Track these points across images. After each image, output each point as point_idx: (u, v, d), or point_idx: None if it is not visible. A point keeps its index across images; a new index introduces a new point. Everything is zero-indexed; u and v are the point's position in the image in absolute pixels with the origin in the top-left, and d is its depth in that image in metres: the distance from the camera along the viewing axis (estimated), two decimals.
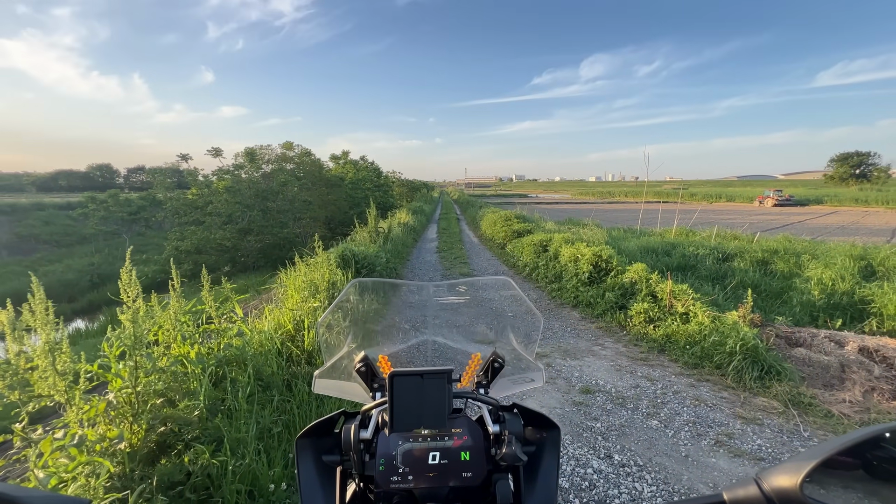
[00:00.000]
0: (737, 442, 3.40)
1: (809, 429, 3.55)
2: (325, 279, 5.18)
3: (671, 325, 5.39)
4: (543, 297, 7.75)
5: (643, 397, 4.12)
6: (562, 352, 5.27)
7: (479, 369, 1.03)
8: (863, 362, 4.45)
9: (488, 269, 10.29)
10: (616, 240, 10.75)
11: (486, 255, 12.37)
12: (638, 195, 42.58)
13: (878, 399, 3.96)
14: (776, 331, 5.19)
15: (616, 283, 6.65)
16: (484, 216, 18.48)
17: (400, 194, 44.36)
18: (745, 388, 4.24)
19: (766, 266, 7.95)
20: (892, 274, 6.74)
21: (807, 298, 6.36)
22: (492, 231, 14.64)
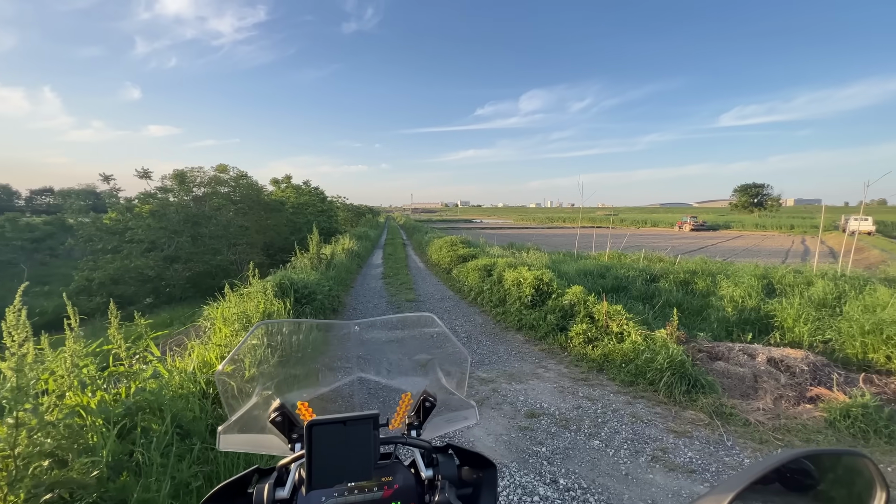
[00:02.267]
0: (671, 456, 3.57)
1: (732, 438, 3.82)
2: (260, 310, 4.84)
3: (608, 345, 5.64)
4: (489, 321, 7.82)
5: (585, 418, 4.22)
6: (507, 376, 5.30)
7: (409, 410, 0.97)
8: (771, 372, 4.92)
9: (434, 295, 10.25)
10: (556, 263, 11.24)
11: (433, 281, 12.35)
12: (575, 220, 45.34)
13: (785, 406, 4.37)
14: (699, 346, 5.62)
15: (557, 306, 6.89)
16: (430, 241, 18.58)
17: (345, 219, 43.48)
18: (676, 402, 4.50)
19: (688, 286, 8.69)
20: (788, 291, 7.64)
21: (722, 315, 7.00)
22: (438, 256, 14.71)
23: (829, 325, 5.96)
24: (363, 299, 9.82)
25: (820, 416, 4.05)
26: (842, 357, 5.51)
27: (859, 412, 3.88)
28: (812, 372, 4.89)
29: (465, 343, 6.62)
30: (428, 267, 15.21)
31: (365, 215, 50.25)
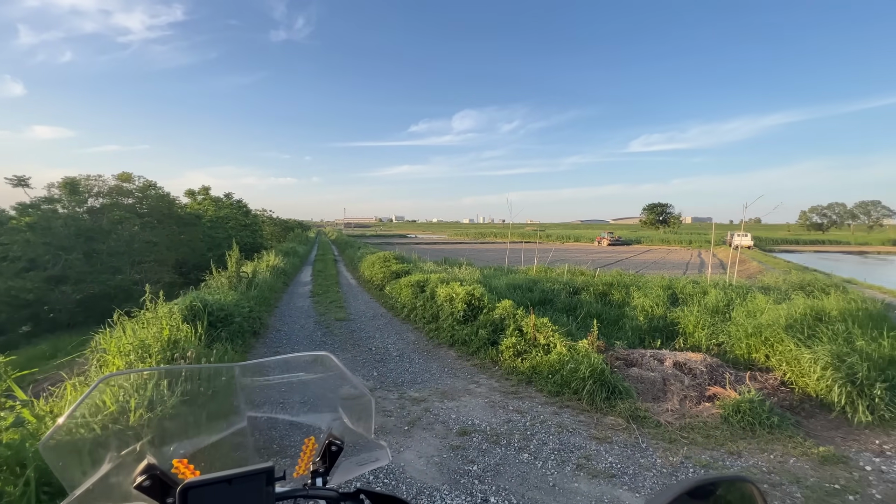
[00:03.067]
0: (594, 463, 3.73)
1: (646, 440, 4.10)
2: (164, 337, 4.29)
3: (536, 357, 5.83)
4: (422, 338, 7.73)
5: (515, 432, 4.28)
6: (440, 394, 5.24)
7: (314, 456, 0.87)
8: (677, 375, 5.41)
9: (366, 313, 9.95)
10: (487, 278, 11.51)
11: (365, 298, 12.00)
12: (505, 236, 47.18)
13: (689, 405, 4.81)
14: (616, 354, 6.02)
15: (488, 320, 7.01)
16: (363, 257, 18.13)
17: (271, 234, 41.00)
18: (597, 409, 4.75)
19: (606, 297, 9.36)
20: (689, 300, 8.54)
21: (635, 323, 7.62)
22: (370, 272, 14.38)
23: (722, 330, 6.73)
24: (289, 320, 9.23)
25: (717, 413, 4.51)
26: (732, 358, 6.23)
27: (747, 407, 4.38)
28: (710, 373, 5.46)
29: (397, 362, 6.47)
30: (360, 284, 14.79)
31: (293, 230, 47.83)
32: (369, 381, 5.69)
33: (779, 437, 4.09)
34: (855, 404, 4.51)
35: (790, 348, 5.50)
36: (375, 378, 5.80)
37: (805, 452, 3.83)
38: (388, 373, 6.01)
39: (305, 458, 0.88)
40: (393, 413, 4.69)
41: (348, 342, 7.52)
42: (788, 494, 3.25)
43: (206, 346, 5.46)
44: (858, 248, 52.51)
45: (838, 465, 3.65)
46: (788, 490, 3.30)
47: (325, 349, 6.88)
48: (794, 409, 4.78)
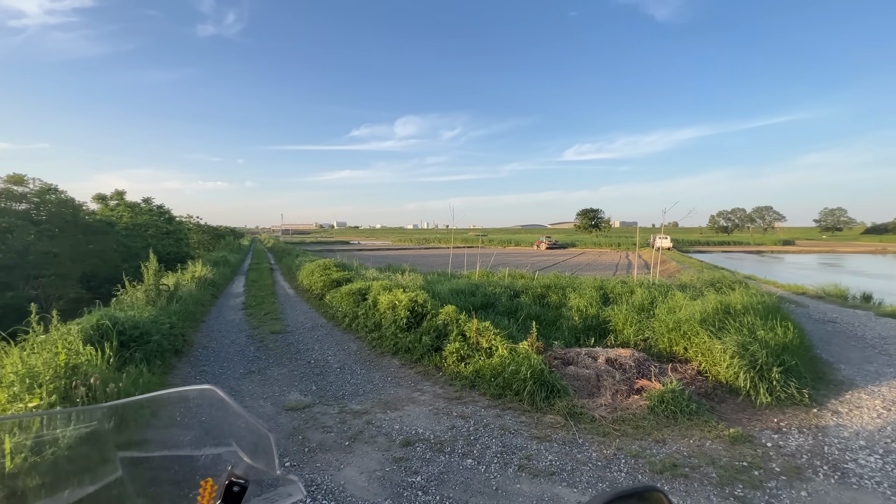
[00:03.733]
0: (534, 462, 3.81)
1: (583, 436, 4.27)
2: (59, 364, 3.74)
3: (479, 361, 5.89)
4: (364, 347, 7.51)
5: (459, 438, 4.26)
6: (383, 405, 5.10)
7: (215, 499, 0.77)
8: (610, 371, 5.73)
9: (305, 324, 9.49)
10: (431, 284, 11.50)
11: (303, 308, 11.45)
12: (449, 241, 47.64)
13: (620, 399, 5.11)
14: (554, 354, 6.26)
15: (431, 326, 6.98)
16: (301, 265, 17.34)
17: (199, 243, 37.92)
18: (538, 408, 4.88)
19: (544, 299, 9.74)
20: (618, 299, 9.14)
21: (571, 323, 7.99)
22: (309, 281, 13.77)
23: (647, 326, 7.26)
24: (217, 335, 8.53)
25: (644, 405, 4.83)
26: (657, 351, 6.74)
27: (670, 397, 4.74)
28: (638, 367, 5.84)
29: (337, 374, 6.21)
30: (298, 293, 14.11)
31: (224, 238, 44.60)
32: (307, 395, 5.40)
33: (697, 422, 4.47)
34: (757, 387, 5.07)
35: (704, 340, 6.06)
36: (314, 392, 5.52)
37: (718, 435, 4.21)
38: (328, 386, 5.75)
39: (204, 502, 0.77)
40: (333, 428, 4.48)
41: (285, 356, 7.10)
42: (705, 475, 3.54)
43: (117, 369, 4.86)
44: (756, 248, 59.72)
45: (745, 444, 4.06)
46: (705, 471, 3.60)
47: (258, 364, 6.40)
48: (709, 395, 5.26)
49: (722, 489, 3.37)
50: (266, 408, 5.05)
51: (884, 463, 3.73)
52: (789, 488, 3.38)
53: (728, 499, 3.25)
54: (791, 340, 5.96)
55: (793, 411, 4.78)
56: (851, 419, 4.59)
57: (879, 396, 5.17)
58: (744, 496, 3.28)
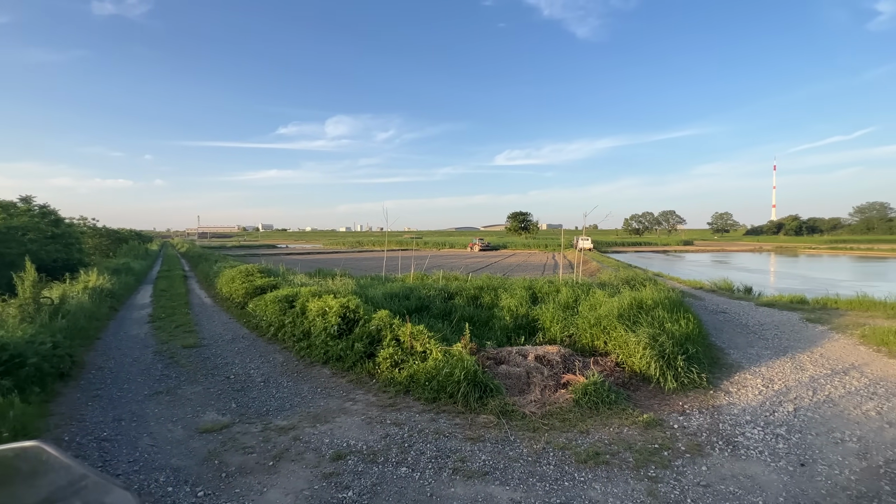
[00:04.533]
0: (469, 464, 3.83)
1: (514, 433, 4.39)
2: None
3: (413, 366, 5.81)
4: (291, 358, 7.08)
5: (392, 446, 4.16)
6: (311, 418, 4.82)
7: None
8: (538, 367, 5.97)
9: (224, 336, 8.72)
10: (363, 288, 11.20)
11: (223, 319, 10.53)
12: (383, 244, 46.96)
13: (548, 394, 5.34)
14: (487, 354, 6.39)
15: (364, 332, 6.77)
16: (220, 272, 15.97)
17: (96, 248, 33.33)
18: (472, 409, 4.93)
19: (477, 300, 9.95)
20: (546, 298, 9.61)
21: (503, 323, 8.24)
22: (230, 289, 12.72)
23: (572, 323, 7.71)
24: (117, 353, 7.52)
25: (570, 398, 5.09)
26: (580, 346, 7.17)
27: (592, 389, 5.06)
28: (564, 362, 6.16)
29: (261, 388, 5.77)
30: (217, 302, 12.96)
31: (127, 242, 39.70)
32: (226, 414, 4.94)
33: (616, 411, 4.81)
34: (665, 375, 5.59)
35: (621, 334, 6.57)
36: (234, 411, 5.06)
37: (634, 421, 4.57)
38: (249, 402, 5.31)
39: None
40: (255, 448, 4.13)
41: (199, 372, 6.45)
42: (624, 461, 3.81)
43: None
44: (663, 248, 66.59)
45: (657, 428, 4.44)
46: (624, 457, 3.87)
47: (167, 383, 5.74)
48: (626, 384, 5.70)
49: (637, 472, 3.64)
50: (175, 432, 4.52)
51: (764, 434, 4.30)
52: (692, 464, 3.76)
53: (643, 480, 3.52)
54: (692, 331, 6.68)
55: (694, 394, 5.34)
56: (739, 397, 5.24)
57: (759, 376, 5.98)
58: (656, 476, 3.58)
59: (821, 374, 6.02)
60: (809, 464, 3.76)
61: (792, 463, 3.77)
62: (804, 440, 4.18)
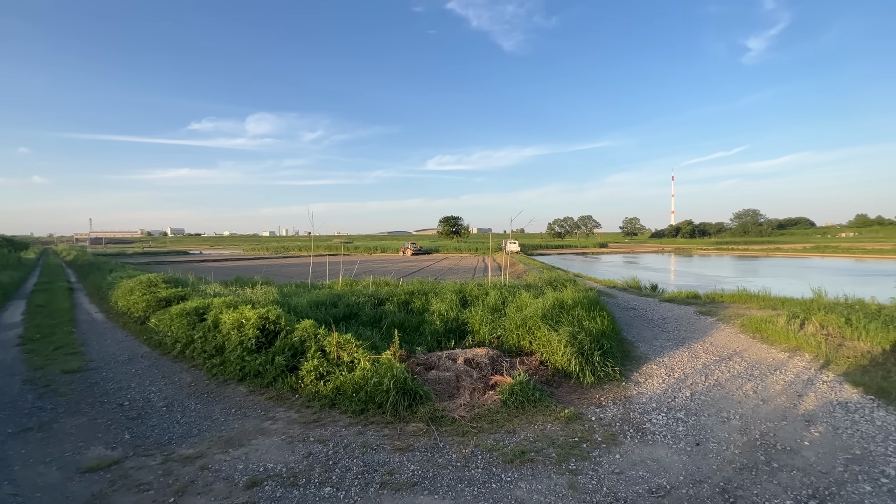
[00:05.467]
0: (397, 476, 3.71)
1: (444, 439, 4.36)
2: None
3: (340, 377, 5.55)
4: (201, 377, 6.40)
5: (316, 465, 3.91)
6: (223, 443, 4.37)
7: None
8: (468, 370, 6.03)
9: (118, 356, 7.65)
10: (287, 296, 10.55)
11: (117, 337, 9.25)
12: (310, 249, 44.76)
13: (477, 396, 5.41)
14: (417, 360, 6.31)
15: (286, 345, 6.33)
16: (117, 283, 14.07)
17: None
18: (401, 418, 4.82)
19: (408, 305, 9.85)
20: (475, 301, 9.81)
21: (434, 328, 8.23)
22: (127, 302, 11.22)
23: (499, 325, 7.93)
24: None
25: (498, 399, 5.20)
26: (508, 347, 7.38)
27: (518, 388, 5.21)
28: (492, 364, 6.29)
29: (162, 414, 5.12)
30: (111, 318, 11.37)
31: None
32: (116, 448, 4.30)
33: (541, 409, 5.00)
34: (584, 370, 5.95)
35: (545, 333, 6.88)
36: (127, 443, 4.42)
37: (557, 417, 4.78)
38: (147, 432, 4.68)
39: None
40: (153, 485, 3.63)
41: (84, 401, 5.56)
42: (547, 457, 3.96)
43: None
44: (581, 251, 71.84)
45: (576, 422, 4.69)
46: (547, 453, 4.02)
47: (39, 417, 4.93)
48: (549, 382, 5.97)
49: (559, 466, 3.80)
50: (49, 475, 3.83)
51: (667, 419, 4.74)
52: (608, 453, 4.02)
53: (564, 474, 3.68)
54: (607, 327, 7.21)
55: (609, 387, 5.75)
56: (647, 387, 5.75)
57: (663, 366, 6.62)
58: (576, 468, 3.76)
59: (711, 360, 6.83)
60: (703, 442, 4.21)
61: (689, 443, 4.19)
62: (699, 421, 4.68)
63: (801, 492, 3.39)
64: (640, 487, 3.48)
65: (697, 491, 3.43)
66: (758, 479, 3.57)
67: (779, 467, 3.75)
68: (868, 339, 7.10)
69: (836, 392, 5.40)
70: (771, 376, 6.04)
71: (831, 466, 3.74)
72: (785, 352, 7.18)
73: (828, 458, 3.89)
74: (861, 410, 4.84)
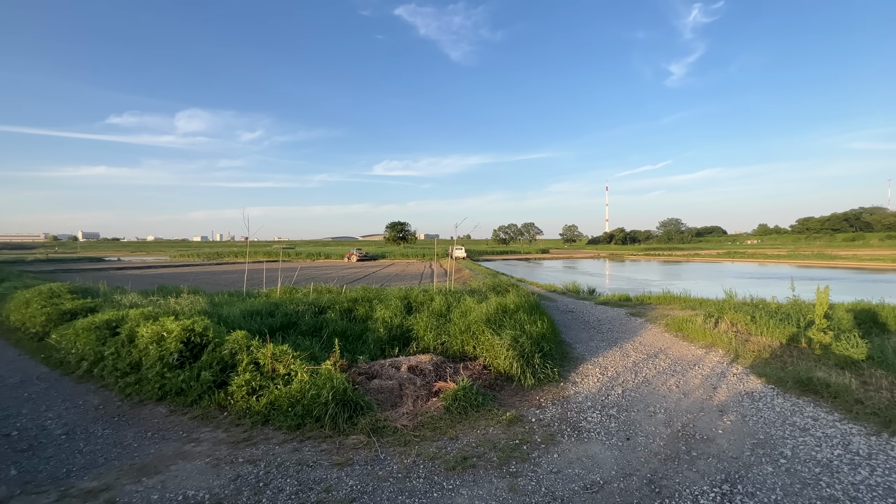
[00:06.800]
0: (334, 493, 3.53)
1: (385, 450, 4.23)
2: None
3: (275, 391, 5.22)
4: (112, 398, 5.72)
5: (244, 488, 3.61)
6: (135, 472, 3.91)
7: None
8: (411, 378, 5.94)
9: (8, 379, 6.63)
10: (218, 306, 9.80)
11: (8, 356, 8.03)
12: (247, 255, 42.05)
13: (420, 404, 5.32)
14: (359, 369, 6.11)
15: (214, 358, 5.85)
16: (10, 294, 12.27)
17: None
18: (340, 431, 4.61)
19: (351, 313, 9.55)
20: (420, 307, 9.74)
21: (377, 335, 8.04)
22: (22, 316, 9.80)
23: (444, 330, 7.92)
24: None
25: (441, 405, 5.16)
26: (452, 353, 7.39)
27: (462, 394, 5.21)
28: (436, 370, 6.25)
29: (60, 443, 4.49)
30: (2, 334, 9.87)
31: None
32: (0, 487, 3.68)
33: (483, 413, 5.03)
34: (525, 373, 6.10)
35: (488, 338, 6.98)
36: (13, 480, 3.81)
37: (498, 420, 4.83)
38: (40, 465, 4.07)
39: None
40: None
41: None
42: (489, 461, 3.97)
43: None
44: (525, 256, 74.44)
45: (517, 424, 4.77)
46: (489, 457, 4.04)
47: None
48: (492, 385, 6.04)
49: (501, 469, 3.83)
50: None
51: (601, 416, 4.97)
52: (547, 453, 4.12)
53: (505, 477, 3.71)
54: (547, 330, 7.46)
55: (549, 388, 5.93)
56: (583, 387, 6.00)
57: (598, 365, 6.97)
58: (516, 470, 3.81)
59: (640, 358, 7.30)
60: (633, 437, 4.46)
61: (621, 439, 4.42)
62: (629, 417, 4.96)
63: (715, 477, 3.69)
64: (575, 485, 3.60)
65: (627, 484, 3.61)
66: (679, 468, 3.83)
67: (697, 456, 4.05)
68: (768, 333, 8.00)
69: (744, 383, 5.99)
70: (691, 371, 6.58)
71: (740, 451, 4.12)
72: (702, 348, 7.87)
73: (737, 444, 4.28)
74: (764, 399, 5.41)
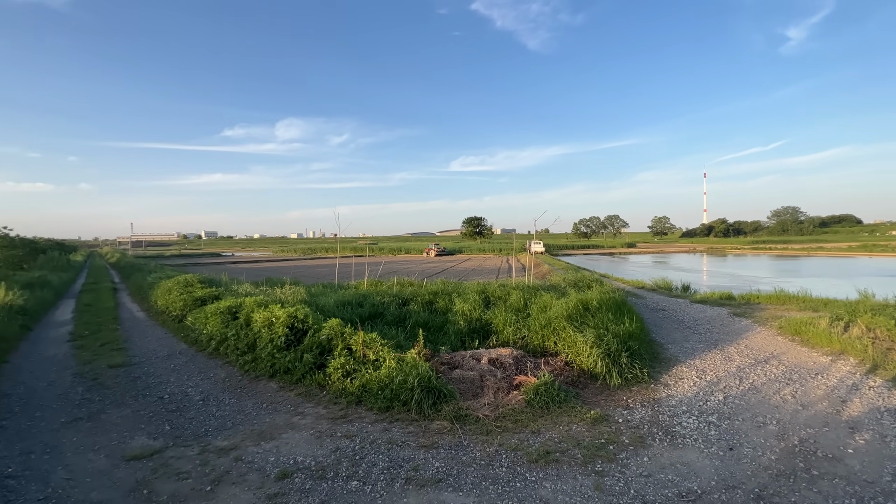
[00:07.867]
0: (422, 472, 3.77)
1: (468, 437, 4.38)
2: None
3: (366, 375, 5.67)
4: (234, 373, 6.67)
5: (343, 459, 4.01)
6: (256, 436, 4.55)
7: None
8: (492, 370, 6.03)
9: (158, 352, 8.05)
10: (314, 297, 10.83)
11: (157, 334, 9.74)
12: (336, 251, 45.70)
13: (501, 396, 5.40)
14: (441, 359, 6.36)
15: (314, 343, 6.51)
16: (156, 283, 14.80)
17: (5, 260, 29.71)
18: (425, 416, 4.88)
19: (432, 305, 9.93)
20: (498, 302, 9.78)
21: (457, 328, 8.26)
22: (166, 301, 11.80)
23: (524, 325, 7.88)
24: (28, 377, 6.71)
25: (522, 399, 5.18)
26: (532, 348, 7.33)
27: (543, 389, 5.18)
28: (516, 364, 6.27)
29: (199, 408, 5.37)
30: (151, 317, 11.98)
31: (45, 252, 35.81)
32: (158, 438, 4.54)
33: (566, 409, 4.95)
34: (611, 372, 5.85)
35: (570, 334, 6.80)
36: (167, 434, 4.66)
37: (582, 418, 4.72)
38: (185, 424, 4.92)
39: None
40: (191, 473, 3.82)
41: (128, 394, 5.90)
42: (573, 458, 3.92)
43: None
44: (609, 251, 70.27)
45: (603, 423, 4.62)
46: (573, 454, 3.98)
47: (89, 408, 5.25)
48: (575, 383, 5.89)
49: (585, 467, 3.76)
50: (97, 462, 4.09)
51: (699, 423, 4.60)
52: (636, 456, 3.94)
53: (590, 475, 3.64)
54: (635, 329, 7.04)
55: (637, 388, 5.63)
56: (677, 389, 5.59)
57: (694, 368, 6.41)
58: (602, 470, 3.71)
59: (746, 363, 6.57)
60: (737, 447, 4.07)
61: (722, 448, 4.06)
62: (732, 426, 4.52)
63: (843, 501, 3.23)
64: (668, 491, 3.40)
65: (730, 496, 3.32)
66: (796, 487, 3.42)
67: (819, 475, 3.58)
68: None
69: (885, 398, 5.10)
70: (812, 381, 5.76)
71: (878, 476, 3.55)
72: (827, 355, 6.82)
73: (874, 466, 3.69)
74: None
